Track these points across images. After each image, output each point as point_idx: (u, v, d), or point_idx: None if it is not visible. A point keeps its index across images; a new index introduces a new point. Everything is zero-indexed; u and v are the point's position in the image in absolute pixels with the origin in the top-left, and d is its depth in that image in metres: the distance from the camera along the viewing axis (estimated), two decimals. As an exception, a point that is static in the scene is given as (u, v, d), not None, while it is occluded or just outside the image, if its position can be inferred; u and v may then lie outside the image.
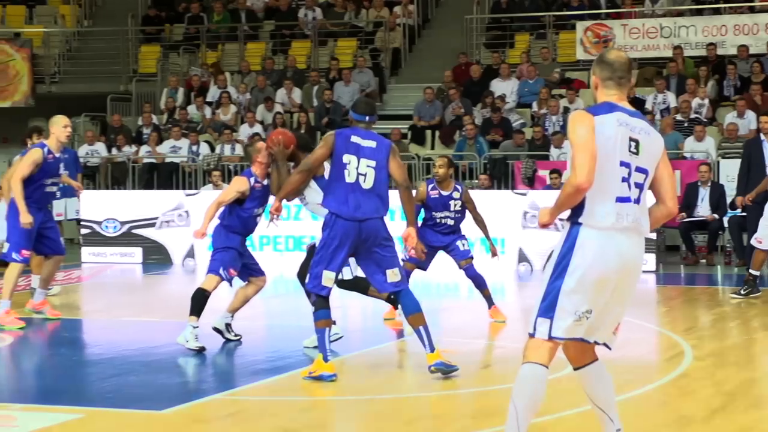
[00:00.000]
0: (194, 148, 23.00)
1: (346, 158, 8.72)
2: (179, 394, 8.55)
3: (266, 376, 9.18)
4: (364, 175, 8.72)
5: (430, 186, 11.86)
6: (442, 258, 12.10)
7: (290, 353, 10.25)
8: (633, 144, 5.66)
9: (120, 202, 19.88)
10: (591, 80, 5.92)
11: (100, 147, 23.67)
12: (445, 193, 11.80)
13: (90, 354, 10.93)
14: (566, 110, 21.75)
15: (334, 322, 9.36)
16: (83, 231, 19.74)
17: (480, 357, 10.67)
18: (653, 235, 17.29)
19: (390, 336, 11.59)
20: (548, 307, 5.65)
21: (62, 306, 13.43)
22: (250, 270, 10.54)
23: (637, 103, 21.51)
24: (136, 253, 19.36)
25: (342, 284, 10.01)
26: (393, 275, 8.85)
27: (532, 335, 5.72)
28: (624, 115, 5.70)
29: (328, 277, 8.76)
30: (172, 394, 8.50)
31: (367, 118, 8.95)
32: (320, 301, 8.84)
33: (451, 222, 11.85)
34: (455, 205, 11.80)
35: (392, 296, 9.49)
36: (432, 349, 8.87)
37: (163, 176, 22.78)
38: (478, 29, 26.14)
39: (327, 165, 9.30)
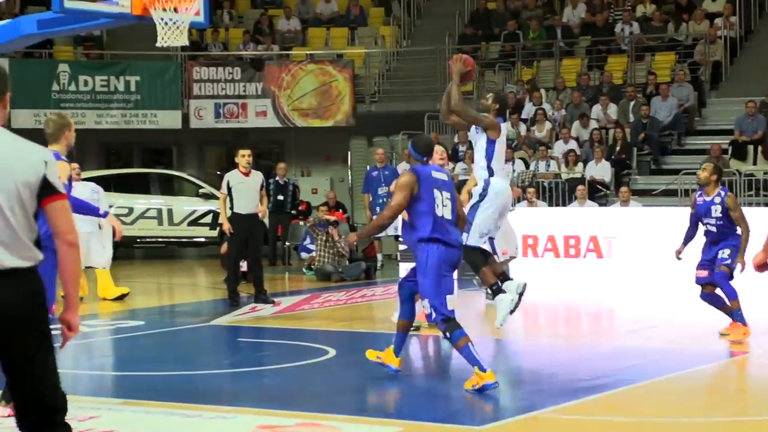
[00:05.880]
0: (509, 164, 22.98)
1: (435, 193, 9.05)
2: (496, 410, 8.53)
3: (586, 395, 9.00)
4: (446, 206, 9.10)
5: (698, 193, 11.83)
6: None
7: (610, 372, 10.05)
8: None
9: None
10: None
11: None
12: (707, 198, 11.64)
13: (406, 368, 11.05)
14: None
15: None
16: (401, 247, 20.05)
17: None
18: None
19: (720, 355, 11.20)
20: None
21: (383, 319, 13.73)
22: None
23: None
24: (452, 269, 19.50)
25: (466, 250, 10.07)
26: (451, 302, 9.04)
27: None
28: None
29: (452, 301, 9.03)
30: (488, 411, 8.50)
31: (425, 158, 9.27)
32: (452, 324, 8.99)
33: (713, 228, 11.61)
34: (716, 211, 11.57)
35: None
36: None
37: (478, 193, 22.91)
38: (805, 39, 25.05)
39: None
